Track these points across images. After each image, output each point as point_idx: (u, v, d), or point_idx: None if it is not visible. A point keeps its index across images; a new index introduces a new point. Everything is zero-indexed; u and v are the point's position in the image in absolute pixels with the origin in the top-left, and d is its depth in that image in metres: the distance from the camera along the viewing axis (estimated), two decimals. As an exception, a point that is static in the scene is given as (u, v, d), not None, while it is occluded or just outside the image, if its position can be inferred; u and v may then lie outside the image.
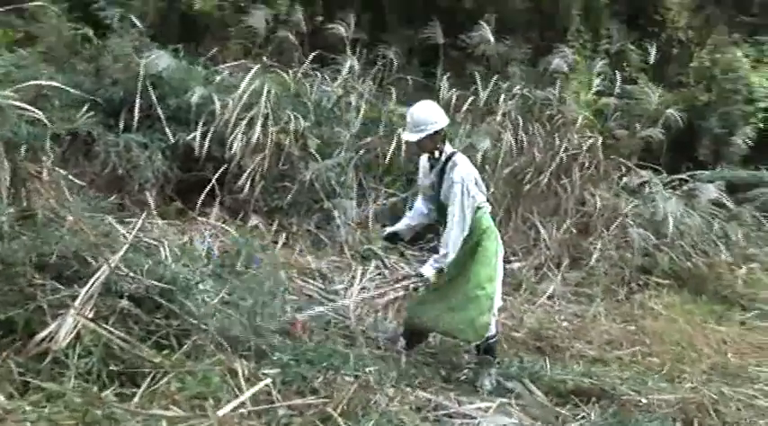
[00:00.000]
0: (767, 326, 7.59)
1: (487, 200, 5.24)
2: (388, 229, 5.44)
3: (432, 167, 5.03)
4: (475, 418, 4.19)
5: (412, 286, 5.51)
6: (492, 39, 8.94)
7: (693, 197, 8.99)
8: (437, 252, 5.26)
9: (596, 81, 9.11)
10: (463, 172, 4.86)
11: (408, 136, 4.92)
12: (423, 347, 5.55)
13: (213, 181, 6.81)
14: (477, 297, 4.96)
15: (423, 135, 4.81)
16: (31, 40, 7.34)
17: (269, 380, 3.71)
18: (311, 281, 6.21)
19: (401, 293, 6.56)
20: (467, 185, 4.83)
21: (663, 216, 8.41)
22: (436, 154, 4.95)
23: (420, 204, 5.28)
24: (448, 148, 5.00)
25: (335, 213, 7.33)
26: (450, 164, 4.90)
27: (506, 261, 7.29)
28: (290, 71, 8.08)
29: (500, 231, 7.94)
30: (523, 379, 4.91)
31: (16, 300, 3.84)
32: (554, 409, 4.54)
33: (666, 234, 8.34)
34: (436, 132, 4.84)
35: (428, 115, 4.88)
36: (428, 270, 4.88)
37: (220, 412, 3.39)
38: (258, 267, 5.64)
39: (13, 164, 4.17)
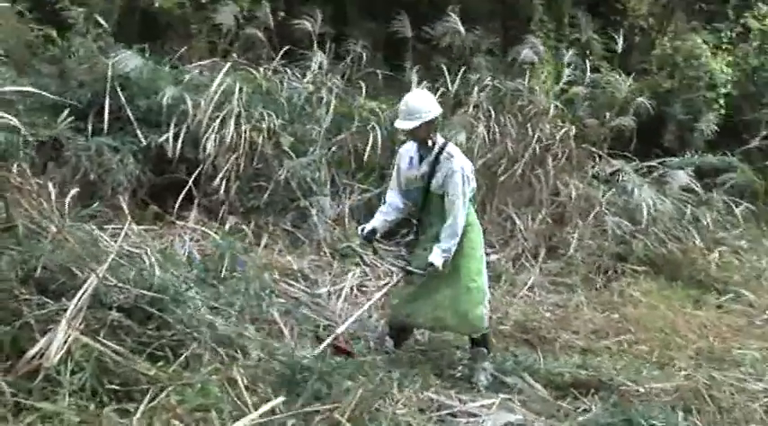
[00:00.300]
0: (742, 309, 7.69)
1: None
2: (367, 227, 5.24)
3: (422, 158, 4.95)
4: (479, 416, 4.14)
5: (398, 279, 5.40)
6: (462, 30, 8.86)
7: (664, 183, 9.06)
8: (413, 246, 5.19)
9: (566, 71, 9.12)
10: (462, 161, 4.86)
11: (403, 124, 4.85)
12: (412, 345, 5.49)
13: (190, 183, 6.66)
14: (469, 290, 4.94)
15: (417, 123, 4.76)
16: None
17: (281, 399, 3.58)
18: (295, 283, 6.08)
19: (385, 291, 6.50)
20: (466, 174, 4.81)
21: (636, 203, 8.45)
22: (429, 143, 4.88)
23: (395, 198, 5.16)
24: (439, 139, 4.95)
25: (312, 211, 7.21)
26: (444, 154, 4.85)
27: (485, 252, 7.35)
28: (261, 68, 7.91)
29: (477, 223, 8.09)
30: (522, 374, 4.87)
31: (2, 317, 3.67)
32: (556, 403, 4.51)
33: (641, 221, 8.38)
34: (430, 121, 4.79)
35: (423, 103, 4.85)
36: (438, 260, 4.78)
37: (232, 429, 3.26)
38: (243, 270, 5.51)
39: (-9, 174, 3.98)
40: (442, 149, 4.87)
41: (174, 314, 4.13)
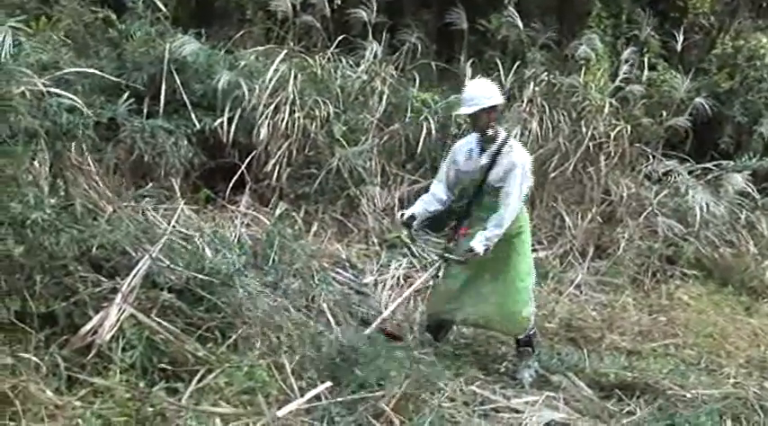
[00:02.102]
0: (796, 319, 7.49)
1: None
2: (406, 212, 5.15)
3: (483, 150, 4.86)
4: (522, 412, 4.11)
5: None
6: (521, 24, 8.77)
7: (719, 186, 8.85)
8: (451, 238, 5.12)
9: (624, 67, 8.96)
10: (524, 156, 4.82)
11: (462, 110, 4.84)
12: (457, 338, 5.48)
13: (243, 168, 6.74)
14: (518, 291, 4.90)
15: (475, 109, 4.71)
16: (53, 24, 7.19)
17: (328, 384, 3.61)
18: (342, 271, 6.11)
19: (431, 282, 6.50)
20: (527, 171, 4.77)
21: (689, 205, 8.29)
22: (489, 132, 4.80)
23: (440, 190, 5.06)
24: (502, 131, 4.91)
25: (362, 200, 7.24)
26: (506, 147, 4.79)
27: (533, 249, 7.29)
28: (315, 56, 7.93)
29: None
30: (567, 373, 4.82)
31: (57, 293, 3.77)
32: (600, 403, 4.46)
33: (693, 223, 8.22)
34: (492, 108, 4.75)
35: (482, 91, 4.83)
36: (479, 247, 4.71)
37: (280, 413, 3.29)
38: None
39: (53, 154, 4.07)
40: (504, 142, 4.82)
41: (225, 297, 4.19)
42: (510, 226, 4.80)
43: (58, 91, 4.36)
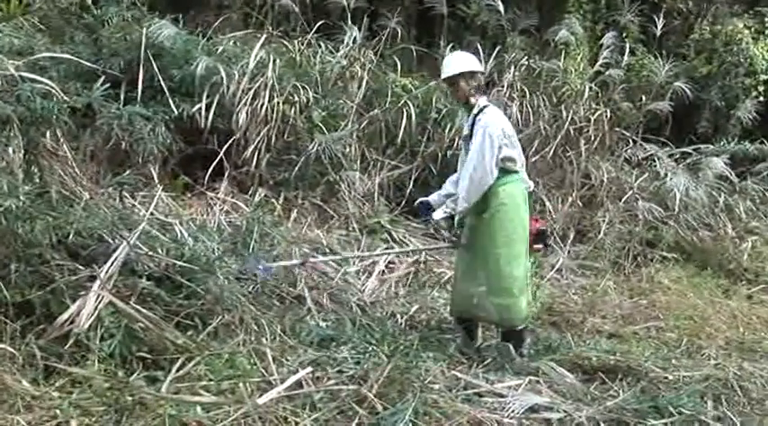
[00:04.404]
0: (774, 300, 7.55)
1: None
2: (421, 199, 5.10)
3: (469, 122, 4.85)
4: (506, 396, 4.10)
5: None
6: (502, 8, 8.73)
7: (698, 170, 8.90)
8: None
9: (604, 52, 8.95)
10: (489, 119, 4.66)
11: (442, 75, 4.85)
12: (436, 322, 5.47)
13: (221, 154, 6.67)
14: (502, 278, 4.73)
15: (452, 73, 4.72)
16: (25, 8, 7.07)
17: (308, 370, 3.58)
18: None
19: (412, 268, 6.51)
20: (490, 131, 4.59)
21: (668, 189, 8.33)
22: (472, 100, 4.77)
23: (456, 175, 5.03)
24: (483, 101, 4.81)
25: (342, 186, 7.21)
26: (481, 114, 4.70)
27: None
28: (294, 41, 7.87)
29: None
30: (550, 357, 4.82)
31: (33, 281, 3.71)
32: (583, 387, 4.45)
33: (672, 207, 8.25)
34: (470, 75, 4.72)
35: (460, 58, 4.87)
36: (438, 213, 4.76)
37: (260, 401, 3.25)
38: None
39: (27, 141, 3.99)
40: (482, 109, 4.73)
41: (204, 284, 4.15)
42: (485, 200, 4.68)
43: (32, 76, 4.26)
